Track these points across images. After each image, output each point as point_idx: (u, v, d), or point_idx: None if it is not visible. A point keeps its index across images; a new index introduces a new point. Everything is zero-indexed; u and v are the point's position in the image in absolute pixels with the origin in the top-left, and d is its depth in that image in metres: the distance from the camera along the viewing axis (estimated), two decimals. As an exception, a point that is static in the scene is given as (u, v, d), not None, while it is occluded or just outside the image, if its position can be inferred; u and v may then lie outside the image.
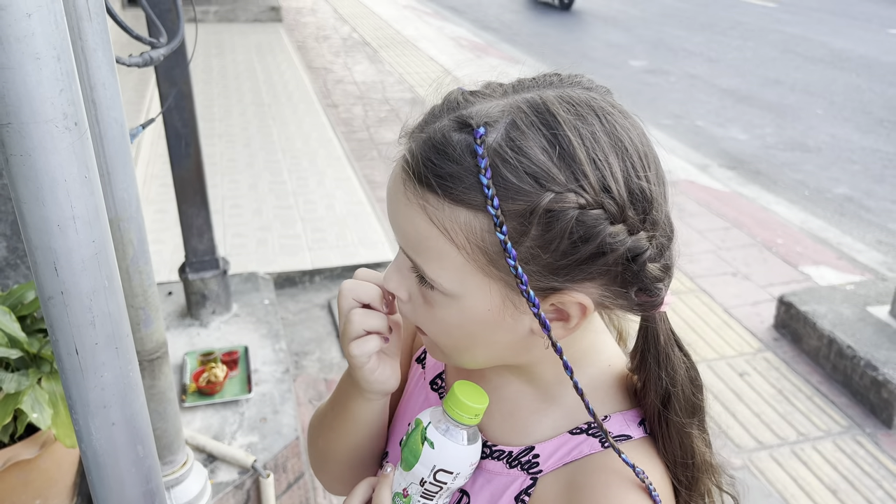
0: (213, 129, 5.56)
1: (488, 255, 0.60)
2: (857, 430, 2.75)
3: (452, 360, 0.71)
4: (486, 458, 0.74)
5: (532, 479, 0.70)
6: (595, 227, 0.58)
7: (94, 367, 0.77)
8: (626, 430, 0.69)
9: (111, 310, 0.76)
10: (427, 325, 0.68)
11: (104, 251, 0.74)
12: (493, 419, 0.75)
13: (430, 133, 0.62)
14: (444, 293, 0.63)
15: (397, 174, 0.64)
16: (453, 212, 0.59)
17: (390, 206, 0.66)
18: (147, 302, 1.13)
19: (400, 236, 0.65)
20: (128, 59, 1.45)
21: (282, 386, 2.26)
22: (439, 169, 0.59)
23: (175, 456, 1.28)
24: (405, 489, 0.72)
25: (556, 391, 0.72)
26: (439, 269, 0.62)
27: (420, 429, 0.71)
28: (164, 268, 3.52)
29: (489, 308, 0.63)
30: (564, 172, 0.58)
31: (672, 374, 0.69)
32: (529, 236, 0.58)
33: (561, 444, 0.70)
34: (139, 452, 0.85)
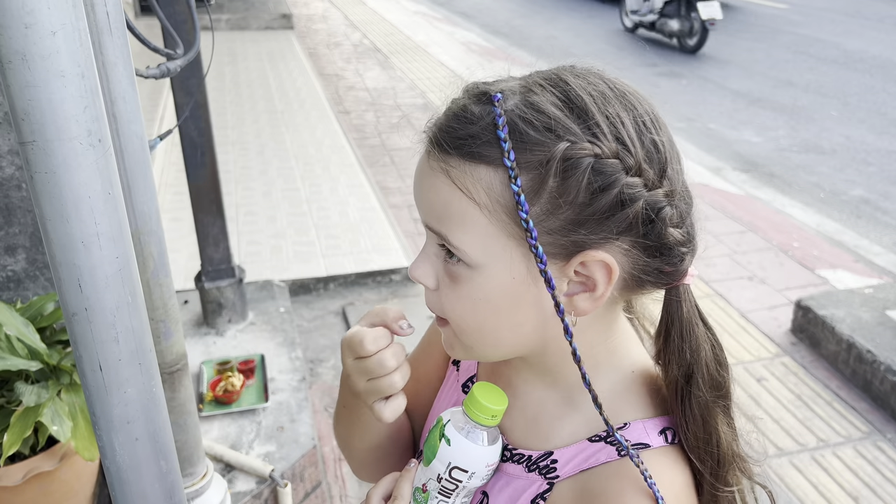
0: (226, 137, 5.58)
1: (509, 212, 0.61)
2: (877, 436, 2.72)
3: (475, 351, 0.71)
4: (507, 461, 0.75)
5: (549, 483, 0.71)
6: (612, 176, 0.60)
7: (118, 384, 0.77)
8: (646, 438, 0.68)
9: (134, 326, 0.76)
10: (453, 309, 0.68)
11: (128, 267, 0.74)
12: (517, 423, 0.76)
13: (451, 109, 0.66)
14: (469, 264, 0.64)
15: (423, 150, 0.68)
16: (473, 170, 0.62)
17: (416, 185, 0.68)
18: (167, 314, 1.13)
19: (425, 210, 0.67)
20: (146, 71, 1.46)
21: (298, 394, 2.26)
22: (459, 131, 0.63)
23: (195, 468, 1.28)
24: (424, 484, 0.74)
25: (578, 397, 0.72)
26: (463, 235, 0.63)
27: (440, 426, 0.72)
28: (179, 276, 3.54)
29: (513, 276, 0.64)
30: (579, 124, 0.61)
31: (696, 348, 0.68)
32: (547, 188, 0.60)
33: (579, 450, 0.70)
34: (162, 468, 0.84)
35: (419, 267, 0.70)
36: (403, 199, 4.79)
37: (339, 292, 3.70)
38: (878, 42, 10.16)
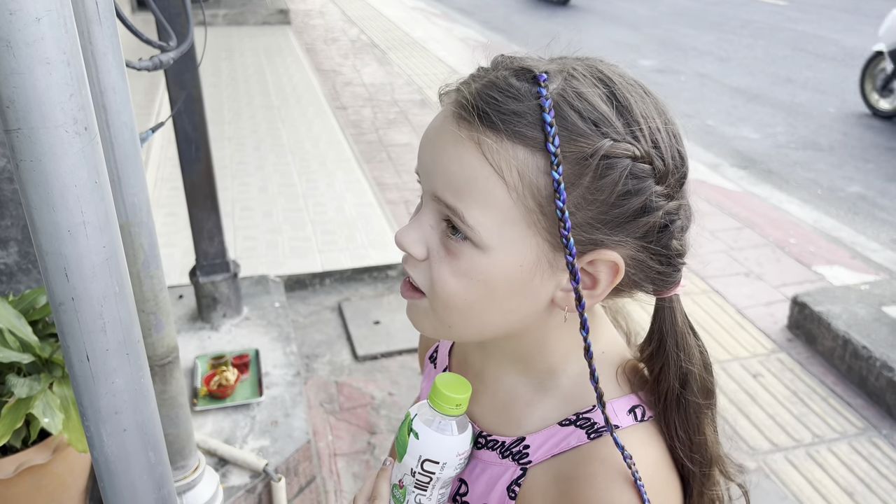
0: (222, 133, 5.57)
1: (537, 198, 0.60)
2: (873, 432, 2.72)
3: (453, 331, 0.68)
4: (482, 447, 0.75)
5: (522, 469, 0.71)
6: (642, 182, 0.60)
7: (106, 374, 0.76)
8: (614, 419, 0.68)
9: (122, 315, 0.75)
10: (444, 285, 0.64)
11: (115, 256, 0.73)
12: (489, 410, 0.77)
13: (489, 78, 0.62)
14: (478, 244, 0.62)
15: (446, 116, 0.63)
16: (511, 149, 0.59)
17: (430, 150, 0.65)
18: (158, 307, 1.13)
19: (441, 181, 0.63)
20: (138, 63, 1.45)
21: (293, 389, 2.25)
22: (502, 106, 0.59)
23: (187, 461, 1.27)
24: (400, 480, 0.74)
25: (549, 383, 0.73)
26: (482, 214, 0.61)
27: (407, 421, 0.72)
28: (174, 271, 3.53)
29: (521, 264, 0.62)
30: (622, 122, 0.60)
31: (689, 355, 0.70)
32: (583, 183, 0.59)
33: (550, 435, 0.70)
34: (151, 459, 0.84)
35: (410, 234, 0.66)
36: (400, 195, 4.79)
37: (335, 288, 3.69)
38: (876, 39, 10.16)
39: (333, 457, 2.59)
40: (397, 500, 0.75)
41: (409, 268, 0.68)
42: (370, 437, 2.69)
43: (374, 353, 3.15)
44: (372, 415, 2.81)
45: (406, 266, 0.68)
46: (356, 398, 2.90)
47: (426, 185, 0.65)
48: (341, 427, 2.74)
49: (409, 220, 0.68)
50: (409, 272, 0.68)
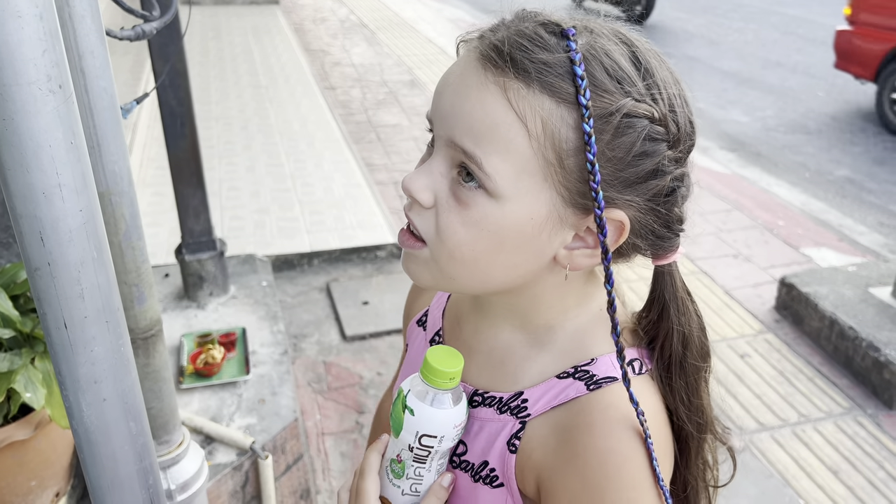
0: (209, 112, 5.51)
1: (557, 150, 0.60)
2: (858, 412, 2.74)
3: (456, 282, 0.68)
4: (479, 405, 0.75)
5: (521, 423, 0.71)
6: (657, 145, 0.62)
7: (84, 342, 0.74)
8: (612, 371, 0.68)
9: (100, 282, 0.74)
10: (452, 234, 0.63)
11: (92, 221, 0.71)
12: (485, 368, 0.76)
13: (518, 28, 0.62)
14: (493, 193, 0.61)
15: (470, 61, 0.63)
16: (538, 98, 0.59)
17: (451, 94, 0.63)
18: (140, 279, 1.11)
19: (460, 125, 0.62)
20: (119, 33, 1.42)
21: (280, 367, 2.24)
22: (532, 55, 0.59)
23: (171, 436, 1.26)
24: (398, 455, 0.73)
25: (545, 337, 0.73)
26: (501, 161, 0.60)
27: (401, 397, 0.71)
28: (161, 250, 3.50)
29: (532, 217, 0.62)
30: (644, 83, 0.61)
31: (688, 319, 0.72)
32: (602, 140, 0.59)
33: (548, 388, 0.70)
34: (132, 429, 0.82)
35: (418, 180, 0.65)
36: (389, 175, 4.76)
37: (323, 268, 3.67)
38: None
39: (321, 436, 2.58)
40: (396, 474, 0.74)
41: (414, 215, 0.66)
42: (358, 417, 2.68)
43: (362, 333, 3.14)
44: (360, 394, 2.80)
45: (410, 214, 0.67)
46: (344, 378, 2.89)
47: (442, 130, 0.64)
48: (329, 406, 2.73)
49: (416, 167, 0.66)
50: (411, 219, 0.66)
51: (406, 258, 0.70)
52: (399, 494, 0.75)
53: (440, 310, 0.87)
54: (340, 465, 2.46)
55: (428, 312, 0.90)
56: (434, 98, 0.67)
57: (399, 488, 0.75)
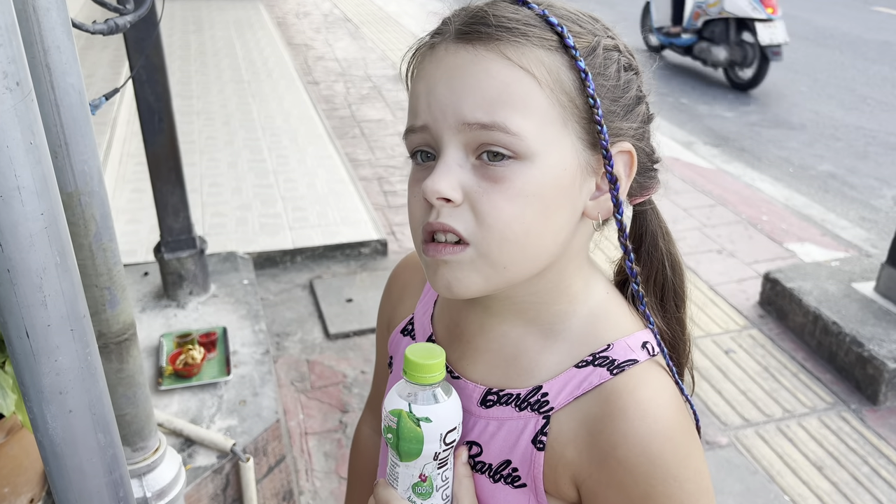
0: (191, 107, 5.45)
1: (567, 93, 0.63)
2: (842, 407, 2.75)
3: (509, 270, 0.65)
4: (494, 405, 0.73)
5: (545, 417, 0.69)
6: (631, 73, 0.68)
7: (48, 351, 0.71)
8: (632, 354, 0.68)
9: (64, 288, 0.70)
10: (499, 214, 0.62)
11: (55, 225, 0.68)
12: (497, 365, 0.74)
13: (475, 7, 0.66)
14: (524, 155, 0.62)
15: (450, 47, 0.65)
16: (532, 51, 0.62)
17: (446, 82, 0.64)
18: (112, 281, 1.07)
19: (468, 103, 0.62)
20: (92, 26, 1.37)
21: (262, 368, 2.20)
22: (508, 19, 0.63)
23: (147, 442, 1.22)
24: (420, 475, 0.70)
25: (559, 327, 0.72)
26: (523, 119, 0.61)
27: (405, 415, 0.68)
28: (140, 248, 3.45)
29: (565, 167, 0.64)
30: (598, 24, 0.68)
31: (672, 243, 0.78)
32: (594, 73, 0.64)
33: (568, 378, 0.69)
34: (101, 441, 0.79)
35: (443, 180, 0.62)
36: (373, 171, 4.72)
37: (306, 265, 3.64)
38: (848, 19, 10.23)
39: (304, 436, 2.55)
40: (424, 495, 0.71)
41: (448, 219, 0.63)
42: (342, 416, 2.65)
43: (346, 331, 3.11)
44: (344, 393, 2.77)
45: (443, 220, 0.64)
46: (328, 376, 2.86)
47: (447, 120, 0.63)
48: (312, 406, 2.70)
49: (431, 173, 0.64)
50: (447, 224, 0.63)
51: (445, 271, 0.66)
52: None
53: (427, 315, 0.84)
54: (324, 466, 2.43)
55: (413, 320, 0.86)
56: (420, 102, 0.66)
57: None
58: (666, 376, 0.69)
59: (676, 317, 0.78)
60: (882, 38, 9.15)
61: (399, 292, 0.92)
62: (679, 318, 0.79)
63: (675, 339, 0.78)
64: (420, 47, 0.69)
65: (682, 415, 0.67)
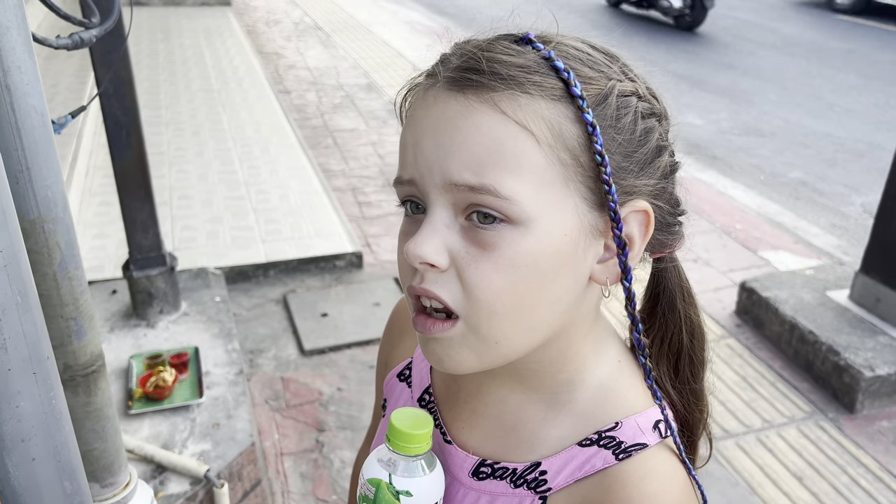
0: (159, 118, 5.35)
1: (570, 149, 0.56)
2: (819, 416, 2.76)
3: (500, 346, 0.60)
4: (487, 477, 0.67)
5: (541, 498, 0.64)
6: (651, 121, 0.60)
7: (8, 397, 0.66)
8: (642, 437, 0.62)
9: (26, 330, 0.65)
10: (487, 285, 0.56)
11: (15, 263, 0.63)
12: (494, 434, 0.69)
13: (473, 46, 0.58)
14: (518, 220, 0.55)
15: (439, 95, 0.58)
16: (531, 102, 0.55)
17: (433, 136, 0.57)
18: (79, 311, 1.01)
19: (455, 162, 0.55)
20: (55, 41, 1.32)
21: (235, 389, 2.14)
22: (508, 62, 0.56)
23: (116, 478, 1.16)
24: None
25: (564, 397, 0.66)
26: (516, 181, 0.55)
27: (385, 487, 0.63)
28: (108, 264, 3.36)
29: (566, 233, 0.57)
30: (616, 66, 0.60)
31: (694, 306, 0.72)
32: (605, 125, 0.57)
33: (570, 457, 0.63)
34: (67, 489, 0.74)
35: (427, 243, 0.56)
36: (347, 181, 4.67)
37: (279, 279, 3.57)
38: (813, 27, 10.41)
39: (280, 456, 2.49)
40: None
41: (432, 286, 0.58)
42: (318, 435, 2.60)
43: (321, 347, 3.05)
44: (320, 411, 2.71)
45: (426, 286, 0.58)
46: (303, 394, 2.80)
47: (434, 178, 0.57)
48: (288, 425, 2.64)
49: (414, 234, 0.58)
50: (431, 292, 0.58)
51: (436, 346, 0.60)
52: None
53: (427, 364, 0.78)
54: (300, 487, 2.37)
55: (412, 366, 0.80)
56: (407, 154, 0.59)
57: None
58: (677, 463, 0.63)
59: (692, 387, 0.72)
60: (847, 47, 9.32)
61: (399, 332, 0.86)
62: (695, 390, 0.72)
63: (689, 412, 0.72)
64: (412, 87, 0.63)
65: None
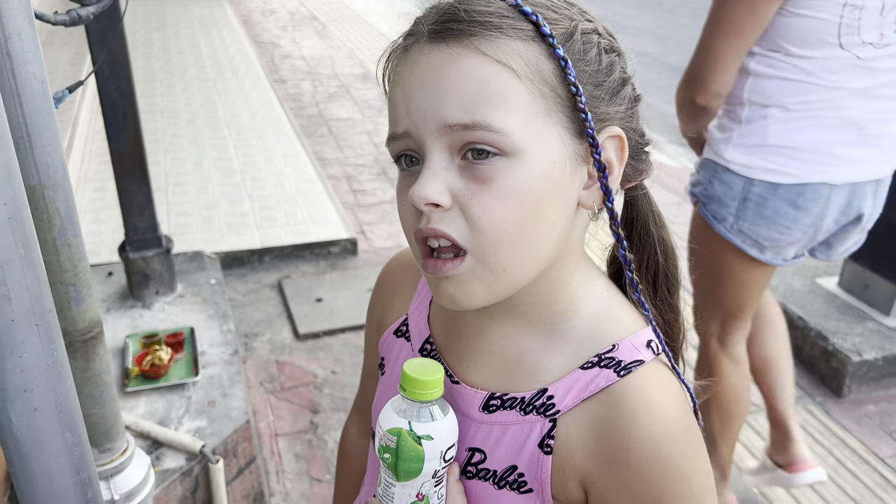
0: (154, 105, 5.35)
1: (548, 83, 0.61)
2: (807, 400, 2.79)
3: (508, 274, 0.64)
4: (498, 409, 0.71)
5: (552, 421, 0.68)
6: (613, 55, 0.66)
7: (11, 347, 0.68)
8: (638, 354, 0.68)
9: (29, 282, 0.68)
10: (491, 215, 0.61)
11: (18, 216, 0.65)
12: (499, 369, 0.73)
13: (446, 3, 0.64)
14: (510, 151, 0.60)
15: (423, 48, 0.63)
16: (508, 44, 0.61)
17: (422, 85, 0.62)
18: (78, 278, 1.04)
19: (448, 105, 0.60)
20: (53, 17, 1.34)
21: (230, 368, 2.17)
22: (480, 13, 0.61)
23: (114, 443, 1.19)
24: (419, 493, 0.68)
25: (562, 326, 0.71)
26: (506, 115, 0.60)
27: (405, 434, 0.66)
28: (104, 248, 3.38)
29: (554, 159, 0.62)
30: (575, 9, 0.66)
31: (665, 228, 0.77)
32: (574, 59, 0.63)
33: (574, 380, 0.68)
34: (67, 440, 0.77)
35: (430, 185, 0.61)
36: (342, 170, 4.69)
37: (274, 265, 3.59)
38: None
39: (274, 437, 2.52)
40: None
41: (439, 224, 0.62)
42: (312, 417, 2.62)
43: (316, 331, 3.08)
44: (314, 394, 2.74)
45: (434, 225, 0.62)
46: (298, 377, 2.83)
47: (428, 124, 0.61)
48: (282, 407, 2.66)
49: (421, 176, 0.62)
50: (439, 230, 0.62)
51: (448, 285, 0.65)
52: None
53: (423, 317, 0.82)
54: (295, 467, 2.40)
55: (408, 321, 0.84)
56: (399, 108, 0.64)
57: None
58: (671, 375, 0.69)
59: (669, 303, 0.78)
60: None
61: (390, 292, 0.89)
62: (672, 304, 0.78)
63: (669, 326, 0.78)
64: (394, 50, 0.67)
65: (689, 415, 0.68)
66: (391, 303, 0.88)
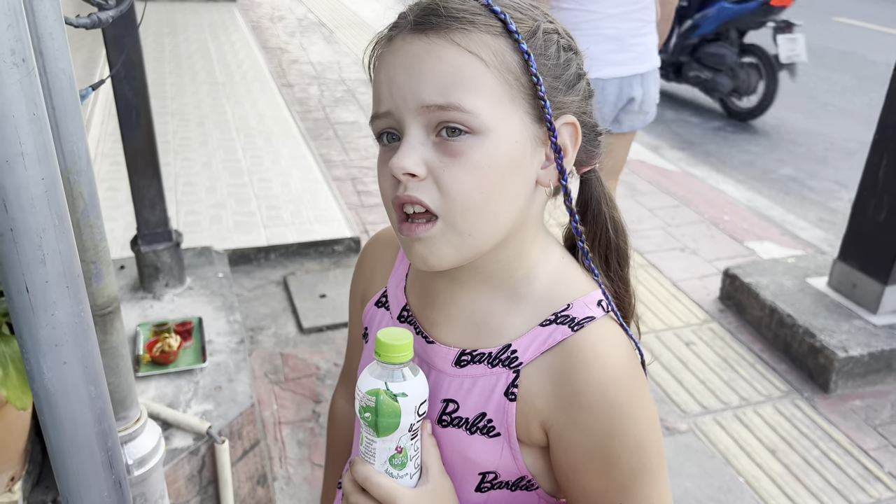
0: (165, 108, 5.47)
1: (513, 73, 0.71)
2: (795, 395, 2.87)
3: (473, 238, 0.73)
4: (468, 363, 0.80)
5: (515, 372, 0.77)
6: (570, 53, 0.76)
7: (45, 306, 0.78)
8: (589, 312, 0.77)
9: (61, 248, 0.77)
10: (459, 185, 0.70)
11: (53, 190, 0.75)
12: (468, 329, 0.82)
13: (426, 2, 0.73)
14: (479, 130, 0.69)
15: (406, 38, 0.72)
16: (479, 37, 0.70)
17: (404, 70, 0.71)
18: (98, 256, 1.14)
19: (425, 88, 0.70)
20: (75, 20, 1.44)
21: (236, 356, 2.27)
22: (456, 10, 0.71)
23: (128, 412, 1.29)
24: (397, 447, 0.76)
25: (523, 289, 0.80)
26: (476, 98, 0.69)
27: (383, 393, 0.74)
28: (115, 245, 3.48)
29: (516, 140, 0.72)
30: (538, 11, 0.76)
31: (615, 208, 0.86)
32: (536, 53, 0.72)
33: (534, 336, 0.77)
34: (91, 392, 0.86)
35: (407, 157, 0.70)
36: (347, 171, 4.79)
37: (280, 262, 3.69)
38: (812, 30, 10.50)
39: (278, 425, 2.62)
40: (399, 465, 0.77)
41: (415, 192, 0.71)
42: (315, 406, 2.72)
43: (319, 326, 3.18)
44: (317, 384, 2.84)
45: (410, 193, 0.71)
46: (301, 368, 2.92)
47: (408, 104, 0.71)
48: (286, 396, 2.76)
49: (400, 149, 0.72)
50: (415, 197, 0.71)
51: (420, 247, 0.73)
52: (408, 480, 0.78)
53: (400, 287, 0.91)
54: (297, 453, 2.49)
55: (387, 293, 0.93)
56: (382, 90, 0.74)
57: (407, 475, 0.77)
58: (619, 329, 0.78)
59: (620, 275, 0.87)
60: (843, 48, 9.43)
61: (371, 268, 0.99)
62: (622, 277, 0.87)
63: (619, 295, 0.87)
64: (380, 40, 0.77)
65: (634, 363, 0.77)
66: (372, 278, 0.98)
